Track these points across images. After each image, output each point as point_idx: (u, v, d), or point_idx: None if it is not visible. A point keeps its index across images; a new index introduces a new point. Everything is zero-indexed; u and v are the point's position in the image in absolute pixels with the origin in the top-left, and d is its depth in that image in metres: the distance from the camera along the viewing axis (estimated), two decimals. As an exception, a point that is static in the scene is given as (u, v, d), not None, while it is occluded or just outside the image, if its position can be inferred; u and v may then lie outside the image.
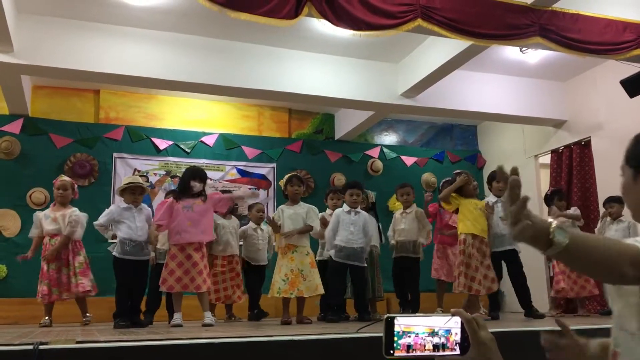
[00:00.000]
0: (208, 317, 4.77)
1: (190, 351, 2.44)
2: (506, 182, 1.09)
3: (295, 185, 5.27)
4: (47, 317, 5.31)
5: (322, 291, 5.14)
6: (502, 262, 5.68)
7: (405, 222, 5.95)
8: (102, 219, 5.07)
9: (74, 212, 5.45)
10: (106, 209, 5.22)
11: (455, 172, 5.83)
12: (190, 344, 2.47)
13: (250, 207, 6.54)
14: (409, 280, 5.93)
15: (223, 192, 6.10)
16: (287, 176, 5.44)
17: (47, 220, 5.41)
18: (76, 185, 5.74)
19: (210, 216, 5.04)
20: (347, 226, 5.34)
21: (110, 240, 5.50)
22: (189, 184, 4.94)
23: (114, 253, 5.03)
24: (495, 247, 5.60)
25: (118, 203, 5.40)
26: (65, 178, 5.64)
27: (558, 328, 1.43)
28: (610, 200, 6.20)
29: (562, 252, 1.09)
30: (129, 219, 4.97)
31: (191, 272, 4.77)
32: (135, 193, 5.05)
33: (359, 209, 5.48)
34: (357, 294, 5.48)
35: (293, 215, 5.16)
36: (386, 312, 6.50)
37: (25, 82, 6.63)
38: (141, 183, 5.22)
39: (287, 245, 5.09)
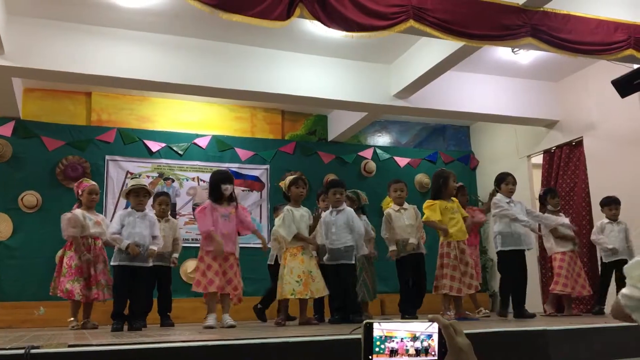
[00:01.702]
0: (228, 319, 4.81)
1: (183, 354, 2.43)
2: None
3: (301, 187, 5.29)
4: (72, 319, 5.32)
5: (327, 292, 5.15)
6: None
7: (406, 219, 5.64)
8: (115, 226, 4.93)
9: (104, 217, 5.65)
10: (114, 219, 5.15)
11: (441, 169, 5.89)
12: (183, 347, 2.46)
13: (276, 209, 6.54)
14: (420, 278, 5.65)
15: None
16: (291, 177, 5.37)
17: (91, 222, 5.39)
18: None
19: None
20: (330, 227, 5.33)
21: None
22: (220, 188, 4.96)
23: (112, 263, 4.97)
24: (508, 246, 5.61)
25: (122, 208, 5.36)
26: (92, 182, 5.63)
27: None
28: (613, 202, 6.22)
29: None
30: (130, 224, 4.93)
31: (228, 274, 4.85)
32: (139, 195, 5.03)
33: (342, 207, 5.42)
34: (347, 294, 5.30)
35: (301, 217, 5.19)
36: (380, 313, 6.50)
37: (16, 85, 6.61)
38: (145, 185, 5.21)
39: (296, 247, 5.10)
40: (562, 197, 7.32)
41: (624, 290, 1.35)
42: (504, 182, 5.78)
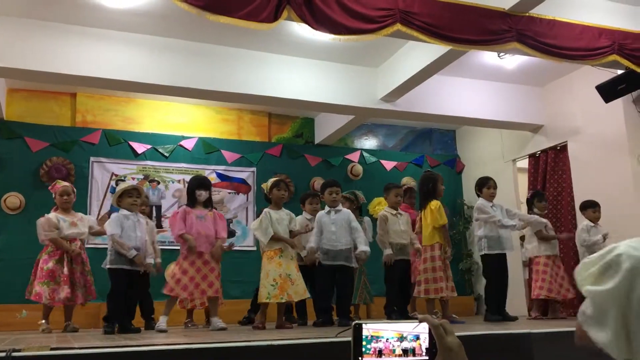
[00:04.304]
0: (218, 322, 4.79)
1: (166, 357, 2.41)
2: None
3: (282, 189, 5.22)
4: (44, 321, 5.21)
5: (308, 295, 5.09)
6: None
7: (402, 224, 5.70)
8: (115, 229, 4.78)
9: (85, 215, 5.54)
10: (110, 219, 4.98)
11: (427, 171, 5.94)
12: (166, 350, 2.44)
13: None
14: (407, 282, 5.71)
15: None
16: (274, 180, 5.33)
17: (65, 224, 5.29)
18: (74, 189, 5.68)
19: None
20: (329, 227, 5.29)
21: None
22: (195, 194, 5.06)
23: (107, 266, 4.83)
24: (493, 250, 5.66)
25: (107, 209, 5.31)
26: (66, 183, 5.57)
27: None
28: (597, 204, 6.25)
29: None
30: (130, 228, 4.86)
31: (196, 279, 4.85)
32: (133, 195, 4.98)
33: (339, 207, 5.42)
34: (340, 297, 5.29)
35: (279, 219, 5.11)
36: (366, 317, 6.50)
37: (0, 85, 6.53)
38: (137, 185, 5.21)
39: (273, 250, 5.01)
40: (550, 202, 7.39)
41: (581, 306, 1.10)
42: (486, 186, 5.85)
